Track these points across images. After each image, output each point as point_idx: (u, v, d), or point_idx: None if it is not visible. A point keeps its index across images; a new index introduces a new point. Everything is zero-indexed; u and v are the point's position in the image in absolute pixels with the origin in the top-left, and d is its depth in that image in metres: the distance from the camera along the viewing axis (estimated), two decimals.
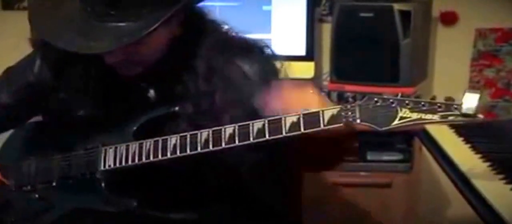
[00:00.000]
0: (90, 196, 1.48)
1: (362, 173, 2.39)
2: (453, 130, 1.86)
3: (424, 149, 2.02)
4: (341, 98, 2.39)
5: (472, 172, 1.51)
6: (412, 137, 2.30)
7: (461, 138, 1.78)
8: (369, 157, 2.38)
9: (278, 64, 1.54)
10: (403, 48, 2.33)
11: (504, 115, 2.71)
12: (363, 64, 2.39)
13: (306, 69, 2.50)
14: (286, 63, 1.55)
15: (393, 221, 2.38)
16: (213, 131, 1.35)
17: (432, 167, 2.48)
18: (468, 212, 1.44)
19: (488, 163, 1.57)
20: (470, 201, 1.41)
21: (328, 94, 2.45)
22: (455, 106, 1.19)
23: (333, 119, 1.26)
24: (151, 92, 1.49)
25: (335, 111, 1.26)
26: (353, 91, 2.34)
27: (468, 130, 1.85)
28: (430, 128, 1.89)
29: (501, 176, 1.48)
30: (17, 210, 1.56)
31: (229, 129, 1.32)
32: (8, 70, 1.64)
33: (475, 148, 1.68)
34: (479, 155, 1.63)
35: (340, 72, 2.45)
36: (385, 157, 2.38)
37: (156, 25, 1.30)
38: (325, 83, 2.60)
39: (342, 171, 2.38)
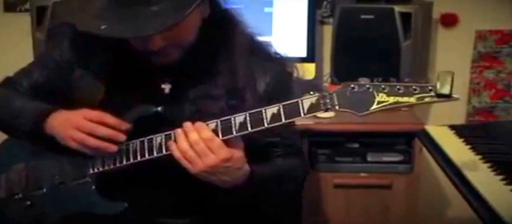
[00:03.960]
0: (82, 200, 1.48)
1: (363, 174, 2.39)
2: (453, 131, 1.87)
3: (424, 150, 2.02)
4: None
5: (472, 173, 1.51)
6: (413, 138, 2.30)
7: (462, 139, 1.79)
8: (369, 158, 2.38)
9: (292, 75, 1.54)
10: (404, 50, 2.34)
11: (504, 116, 2.72)
12: (364, 65, 2.39)
13: (307, 71, 2.50)
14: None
15: (393, 222, 2.39)
16: None
17: (433, 168, 2.49)
18: (468, 213, 1.45)
19: (488, 164, 1.57)
20: (470, 202, 1.42)
21: None
22: (430, 88, 1.21)
23: (312, 107, 1.27)
24: (167, 86, 1.48)
25: (314, 99, 1.27)
26: None
27: (468, 131, 1.86)
28: (431, 129, 1.90)
29: (501, 177, 1.48)
30: (10, 219, 1.55)
31: (211, 125, 1.32)
32: (41, 54, 1.63)
33: (476, 149, 1.69)
34: (479, 156, 1.64)
35: (341, 73, 2.46)
36: (386, 158, 2.38)
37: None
38: (326, 84, 2.61)
39: (343, 172, 2.39)
